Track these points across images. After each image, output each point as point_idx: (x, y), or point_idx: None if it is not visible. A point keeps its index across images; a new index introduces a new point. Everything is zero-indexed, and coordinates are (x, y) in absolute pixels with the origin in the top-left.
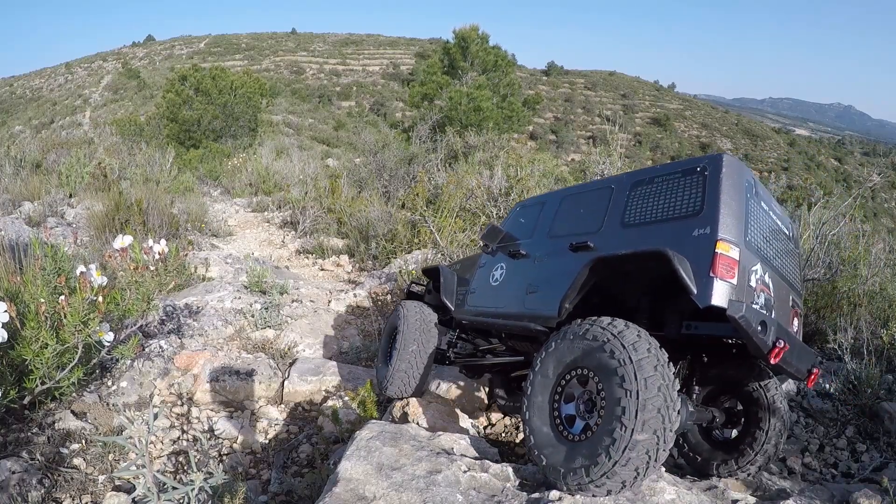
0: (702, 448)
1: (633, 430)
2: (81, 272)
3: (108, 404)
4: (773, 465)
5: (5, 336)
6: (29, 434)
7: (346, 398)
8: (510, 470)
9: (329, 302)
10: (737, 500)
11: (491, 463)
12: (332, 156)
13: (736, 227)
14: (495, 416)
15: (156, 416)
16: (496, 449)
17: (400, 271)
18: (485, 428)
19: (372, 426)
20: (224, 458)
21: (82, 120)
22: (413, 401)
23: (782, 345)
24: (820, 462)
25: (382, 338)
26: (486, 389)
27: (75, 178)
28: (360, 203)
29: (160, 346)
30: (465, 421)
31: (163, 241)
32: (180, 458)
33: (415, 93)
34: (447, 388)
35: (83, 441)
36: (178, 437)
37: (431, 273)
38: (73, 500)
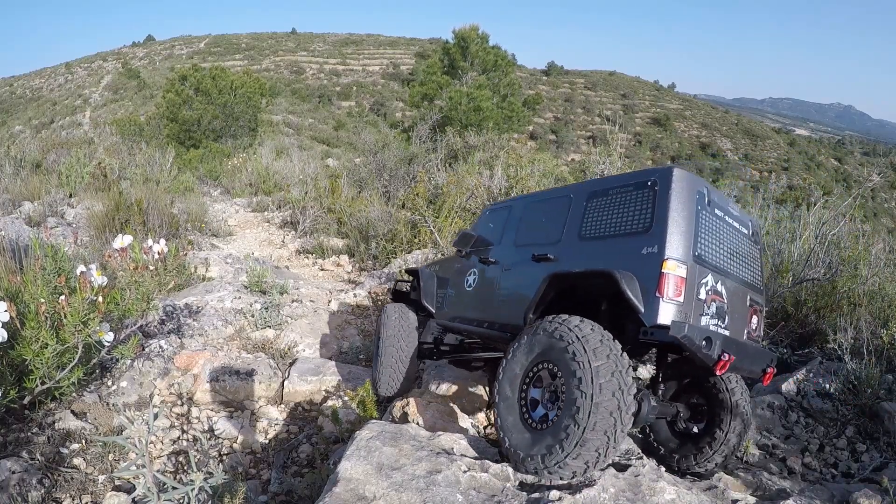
0: (667, 440)
1: (584, 428)
2: (81, 272)
3: (108, 404)
4: (772, 465)
5: (5, 336)
6: (29, 434)
7: (346, 398)
8: (510, 470)
9: (329, 302)
10: (737, 500)
11: (491, 463)
12: (332, 156)
13: (684, 244)
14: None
15: (156, 416)
16: (496, 449)
17: (400, 271)
18: (485, 428)
19: (372, 426)
20: (224, 458)
21: (82, 120)
22: (413, 401)
23: (727, 358)
24: (820, 462)
25: (374, 340)
26: (487, 389)
27: (75, 178)
28: (360, 203)
29: (160, 346)
30: (464, 420)
31: (163, 241)
32: (180, 458)
33: (415, 93)
34: (447, 388)
35: (83, 441)
36: (178, 437)
37: (414, 273)
38: (73, 500)
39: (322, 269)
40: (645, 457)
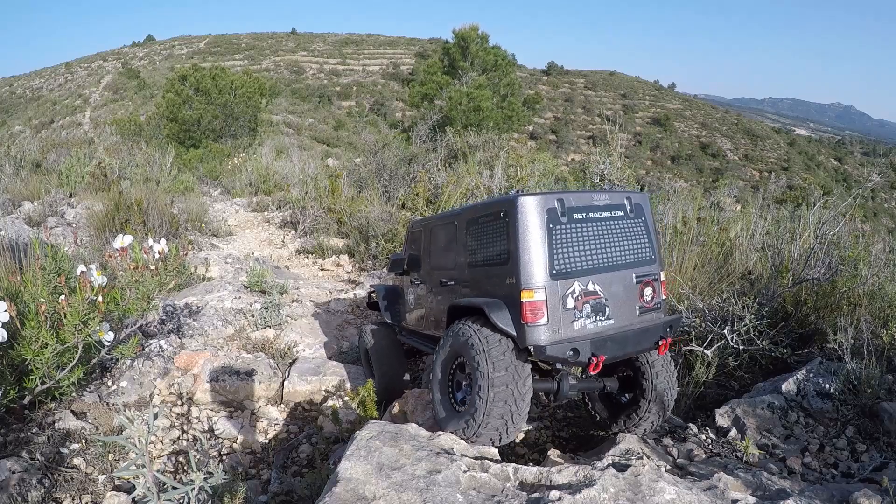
0: (601, 409)
1: (487, 401)
2: (81, 272)
3: (108, 404)
4: (772, 465)
5: (5, 336)
6: (29, 434)
7: (346, 398)
8: (510, 470)
9: (329, 302)
10: (737, 500)
11: (491, 463)
12: (332, 156)
13: (539, 269)
14: None
15: (156, 416)
16: (496, 449)
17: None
18: None
19: (372, 426)
20: (224, 458)
21: (82, 120)
22: (413, 401)
23: (596, 359)
24: (820, 462)
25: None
26: None
27: (75, 178)
28: (360, 203)
29: (160, 346)
30: None
31: (163, 241)
32: (180, 458)
33: (415, 93)
34: None
35: (83, 441)
36: (178, 437)
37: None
38: (73, 499)
39: (322, 269)
40: (645, 457)
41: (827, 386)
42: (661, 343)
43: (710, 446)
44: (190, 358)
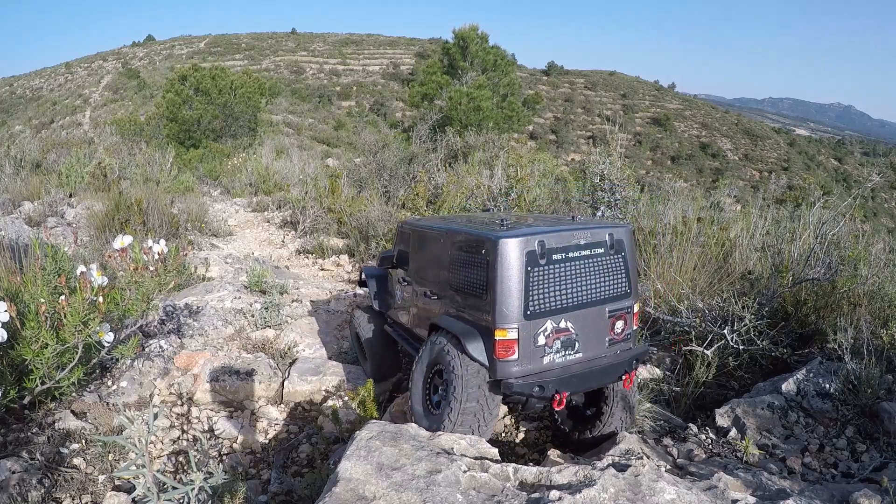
0: (566, 421)
1: (461, 402)
2: (81, 272)
3: (108, 404)
4: (772, 465)
5: (5, 336)
6: (29, 434)
7: (346, 398)
8: (510, 470)
9: (329, 302)
10: (737, 500)
11: (491, 463)
12: (332, 156)
13: (514, 309)
14: None
15: (156, 416)
16: (496, 449)
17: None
18: None
19: (372, 426)
20: (224, 458)
21: (82, 120)
22: None
23: (560, 397)
24: (820, 462)
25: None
26: None
27: (75, 178)
28: (360, 203)
29: (160, 346)
30: None
31: (163, 241)
32: (180, 458)
33: (415, 93)
34: None
35: (83, 441)
36: (178, 437)
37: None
38: (73, 499)
39: (322, 269)
40: (645, 457)
41: (827, 386)
42: (624, 377)
43: (710, 446)
44: (190, 358)
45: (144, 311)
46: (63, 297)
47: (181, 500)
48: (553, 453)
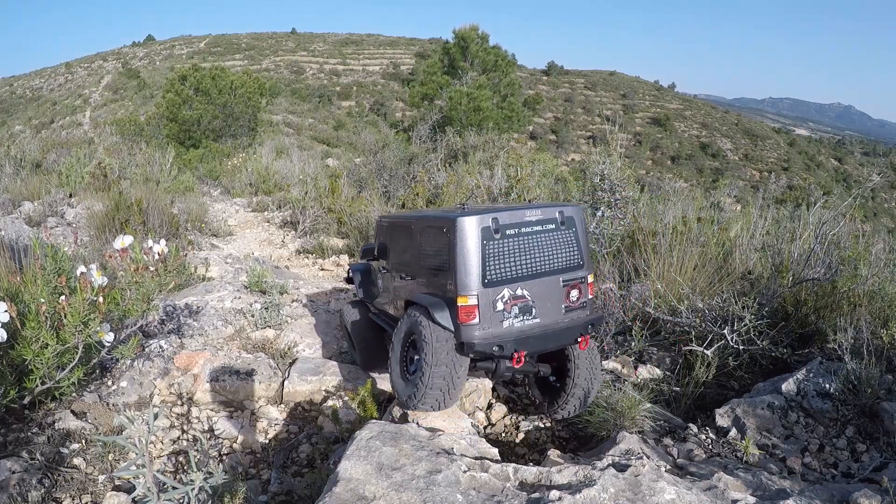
0: (538, 392)
1: (432, 365)
2: (82, 272)
3: (108, 404)
4: (772, 465)
5: (5, 336)
6: (29, 434)
7: (346, 398)
8: (510, 470)
9: (329, 302)
10: (737, 500)
11: (491, 463)
12: (332, 156)
13: (473, 278)
14: (495, 416)
15: (156, 416)
16: (496, 449)
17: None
18: (485, 428)
19: (372, 426)
20: (224, 458)
21: (82, 120)
22: None
23: (518, 355)
24: (820, 462)
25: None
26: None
27: (75, 178)
28: (360, 203)
29: (160, 346)
30: (464, 420)
31: (163, 241)
32: (180, 458)
33: (415, 93)
34: None
35: (83, 441)
36: (178, 437)
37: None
38: (73, 499)
39: (322, 269)
40: (645, 457)
41: (827, 386)
42: (580, 339)
43: (710, 446)
44: (190, 358)
45: (144, 312)
46: (63, 297)
47: (181, 500)
48: (553, 453)
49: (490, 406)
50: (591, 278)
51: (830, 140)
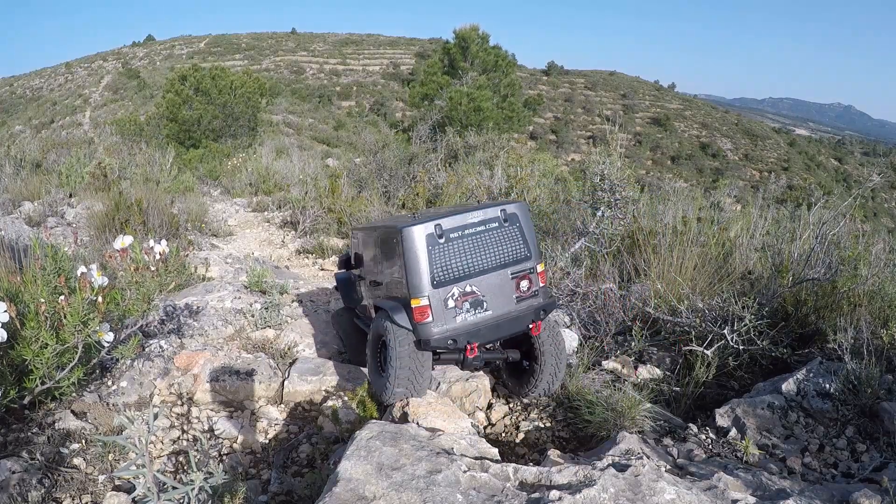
0: (511, 377)
1: (396, 373)
2: (82, 272)
3: (108, 404)
4: (772, 465)
5: (5, 336)
6: (29, 434)
7: (346, 398)
8: (510, 470)
9: (329, 302)
10: (737, 500)
11: (491, 463)
12: (332, 156)
13: (422, 281)
14: (495, 416)
15: (156, 416)
16: (496, 449)
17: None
18: (485, 428)
19: (372, 426)
20: (224, 458)
21: (82, 120)
22: (413, 401)
23: (471, 346)
24: (820, 462)
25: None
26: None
27: (75, 178)
28: (360, 203)
29: (160, 346)
30: (464, 420)
31: (163, 241)
32: (180, 458)
33: (415, 93)
34: (447, 388)
35: (83, 441)
36: (178, 437)
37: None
38: (73, 499)
39: (322, 269)
40: (645, 457)
41: (827, 386)
42: (532, 326)
43: (710, 446)
44: (190, 358)
45: (145, 312)
46: (63, 297)
47: (181, 500)
48: (553, 453)
49: (490, 406)
50: (540, 267)
51: (830, 140)
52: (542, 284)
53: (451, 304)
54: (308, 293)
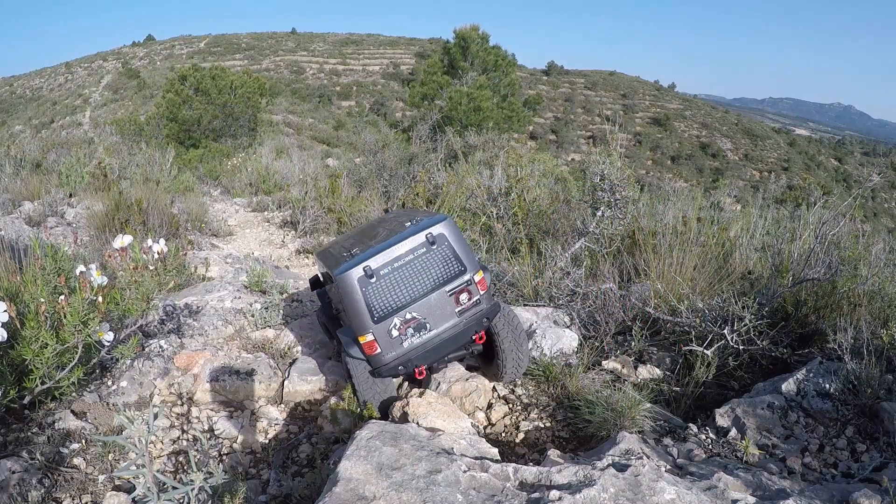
0: (482, 365)
1: (360, 392)
2: (81, 272)
3: (108, 404)
4: (772, 465)
5: (5, 336)
6: (29, 434)
7: (346, 398)
8: (510, 470)
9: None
10: (737, 500)
11: (491, 463)
12: (332, 156)
13: (363, 320)
14: (495, 416)
15: (156, 416)
16: (496, 449)
17: None
18: (485, 428)
19: (372, 426)
20: (224, 458)
21: (82, 120)
22: (413, 401)
23: (420, 369)
24: (820, 462)
25: None
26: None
27: (75, 178)
28: (360, 203)
29: (160, 346)
30: (464, 420)
31: (162, 241)
32: (180, 458)
33: (415, 93)
34: (447, 388)
35: (83, 441)
36: (178, 437)
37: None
38: (73, 499)
39: None
40: (645, 457)
41: (827, 386)
42: (475, 337)
43: (710, 446)
44: (190, 358)
45: (144, 311)
46: (63, 297)
47: (181, 500)
48: (553, 453)
49: (490, 406)
50: (479, 276)
51: (830, 140)
52: (482, 292)
53: (394, 333)
54: (308, 293)
